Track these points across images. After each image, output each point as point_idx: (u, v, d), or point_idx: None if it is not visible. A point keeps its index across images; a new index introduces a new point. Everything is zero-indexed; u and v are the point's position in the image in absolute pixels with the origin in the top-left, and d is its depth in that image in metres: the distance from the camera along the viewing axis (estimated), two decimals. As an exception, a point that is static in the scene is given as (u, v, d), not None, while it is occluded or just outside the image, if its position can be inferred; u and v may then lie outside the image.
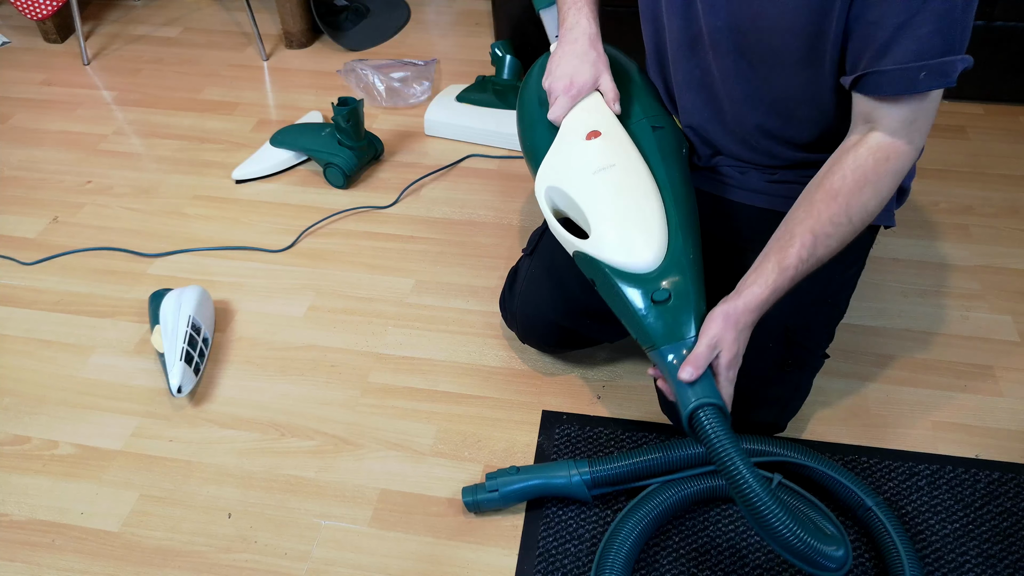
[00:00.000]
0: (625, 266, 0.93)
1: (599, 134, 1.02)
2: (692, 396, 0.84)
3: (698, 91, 1.05)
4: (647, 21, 1.07)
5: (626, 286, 0.92)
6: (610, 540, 0.96)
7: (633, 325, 0.92)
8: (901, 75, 0.83)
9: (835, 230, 0.88)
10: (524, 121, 1.16)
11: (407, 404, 1.20)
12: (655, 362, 0.90)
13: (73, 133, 1.80)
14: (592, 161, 1.00)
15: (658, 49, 1.08)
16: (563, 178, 1.01)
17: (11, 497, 1.09)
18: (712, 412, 0.82)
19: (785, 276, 0.87)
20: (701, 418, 0.82)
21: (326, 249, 1.47)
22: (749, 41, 0.94)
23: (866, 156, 0.88)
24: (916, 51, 0.82)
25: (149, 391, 1.22)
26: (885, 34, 0.83)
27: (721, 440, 0.80)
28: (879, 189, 0.88)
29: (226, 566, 1.01)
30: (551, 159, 1.04)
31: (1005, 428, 1.14)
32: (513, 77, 1.74)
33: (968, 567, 0.98)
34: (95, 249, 1.49)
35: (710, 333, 0.86)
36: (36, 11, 2.05)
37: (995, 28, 1.66)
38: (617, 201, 0.96)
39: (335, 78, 1.97)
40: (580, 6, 1.08)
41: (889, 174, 0.88)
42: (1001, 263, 1.41)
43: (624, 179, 0.98)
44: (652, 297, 0.90)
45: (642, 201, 0.96)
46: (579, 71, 1.05)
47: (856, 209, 0.88)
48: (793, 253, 0.87)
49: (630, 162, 0.99)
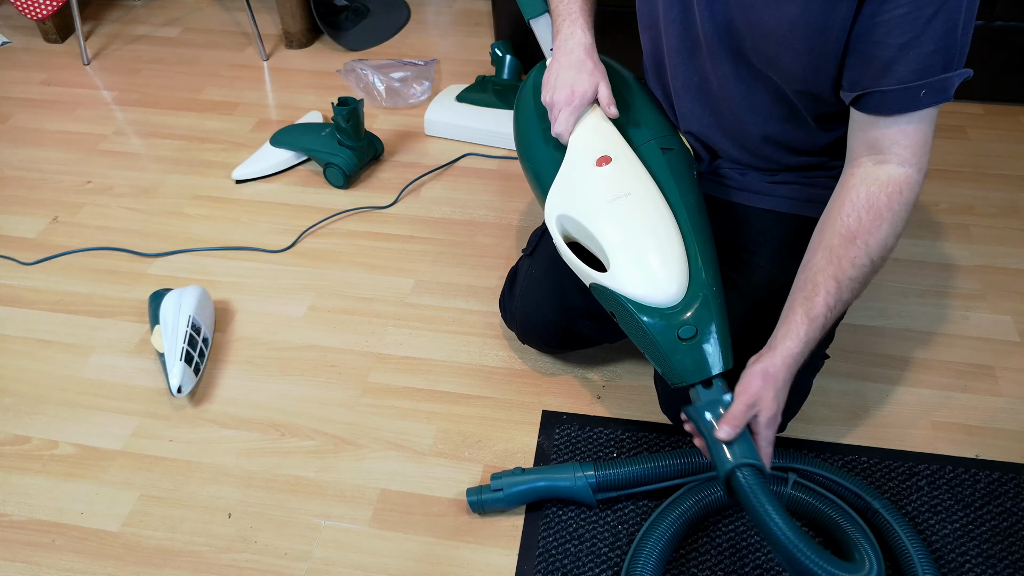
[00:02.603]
0: (647, 300, 0.90)
1: (610, 159, 0.99)
2: (730, 456, 0.82)
3: (697, 97, 1.05)
4: (645, 28, 1.07)
5: (650, 321, 0.90)
6: (643, 541, 0.96)
7: (658, 361, 0.90)
8: (903, 94, 0.83)
9: (858, 272, 0.86)
10: (524, 139, 1.14)
11: (407, 404, 1.20)
12: (690, 418, 0.88)
13: (73, 133, 1.80)
14: (605, 189, 0.97)
15: (656, 56, 1.07)
16: (576, 207, 0.98)
17: (11, 497, 1.09)
18: (751, 473, 0.80)
19: (815, 326, 0.85)
20: (740, 479, 0.80)
21: (326, 249, 1.47)
22: (746, 48, 0.94)
23: (878, 192, 0.86)
24: (918, 70, 0.82)
25: (149, 391, 1.22)
26: (889, 53, 0.82)
27: (763, 503, 0.78)
28: (895, 224, 0.86)
29: (226, 566, 1.01)
30: (561, 185, 1.02)
31: (1005, 428, 1.14)
32: (513, 77, 1.74)
33: (968, 567, 0.98)
34: (95, 249, 1.49)
35: (750, 392, 0.83)
36: (36, 11, 2.05)
37: (995, 28, 1.66)
38: (635, 232, 0.93)
39: (335, 78, 1.97)
40: (574, 18, 1.07)
41: (903, 206, 0.86)
42: (1001, 263, 1.41)
43: (640, 208, 0.95)
44: (678, 334, 0.88)
45: (660, 231, 0.93)
46: (578, 81, 1.04)
47: (876, 248, 0.86)
48: (820, 302, 0.85)
49: (644, 190, 0.97)
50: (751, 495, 0.79)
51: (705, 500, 0.99)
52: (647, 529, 0.97)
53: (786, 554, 0.77)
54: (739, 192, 1.10)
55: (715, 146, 1.09)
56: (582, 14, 1.07)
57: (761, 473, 0.81)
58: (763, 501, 0.78)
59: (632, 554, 0.96)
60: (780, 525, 0.77)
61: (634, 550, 0.96)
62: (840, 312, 0.88)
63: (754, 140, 1.04)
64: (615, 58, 1.16)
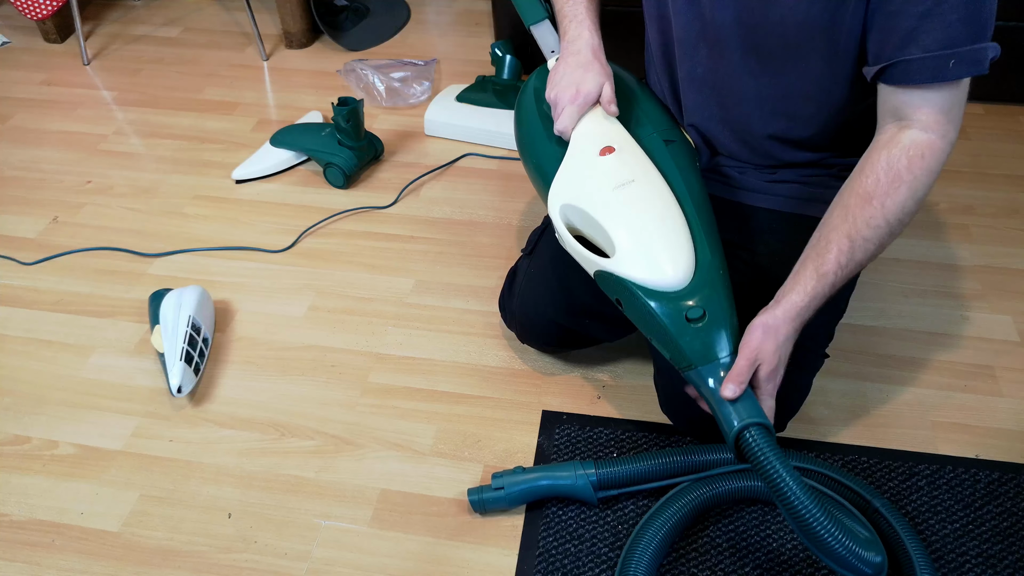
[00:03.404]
0: (655, 284, 0.90)
1: (613, 149, 0.99)
2: (736, 417, 0.82)
3: (703, 89, 1.05)
4: (652, 20, 1.07)
5: (657, 305, 0.89)
6: (637, 538, 0.96)
7: (667, 345, 0.90)
8: (931, 63, 0.82)
9: (873, 233, 0.86)
10: (526, 137, 1.14)
11: (407, 404, 1.20)
12: (693, 383, 0.88)
13: (73, 133, 1.80)
14: (610, 177, 0.97)
15: (664, 47, 1.07)
16: (580, 196, 0.98)
17: (11, 497, 1.09)
18: (759, 432, 0.80)
19: (824, 282, 0.85)
20: (748, 439, 0.80)
21: (326, 249, 1.47)
22: (759, 36, 0.93)
23: (899, 155, 0.85)
24: (944, 39, 0.80)
25: (149, 391, 1.22)
26: (909, 23, 0.81)
27: (771, 461, 0.78)
28: (915, 188, 0.85)
29: (226, 566, 1.01)
30: (564, 176, 1.02)
31: (1005, 428, 1.14)
32: (513, 77, 1.74)
33: (968, 567, 0.98)
34: (95, 249, 1.49)
35: (751, 346, 0.84)
36: (36, 11, 2.05)
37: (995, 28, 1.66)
38: (640, 217, 0.93)
39: (335, 78, 1.97)
40: (581, 19, 1.07)
41: (925, 172, 0.85)
42: (1001, 263, 1.41)
43: (645, 194, 0.95)
44: (686, 316, 0.88)
45: (666, 216, 0.93)
46: (584, 80, 1.04)
47: (893, 211, 0.85)
48: (831, 259, 0.85)
49: (648, 177, 0.97)
50: (760, 455, 0.79)
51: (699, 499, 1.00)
52: (641, 527, 0.97)
53: (797, 515, 0.77)
54: (738, 191, 1.10)
55: (716, 141, 1.09)
56: (588, 15, 1.08)
57: (769, 432, 0.81)
58: (772, 460, 0.78)
59: (626, 553, 0.96)
60: (790, 484, 0.77)
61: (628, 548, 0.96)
62: (851, 273, 0.87)
63: (756, 134, 1.04)
64: (614, 57, 1.16)
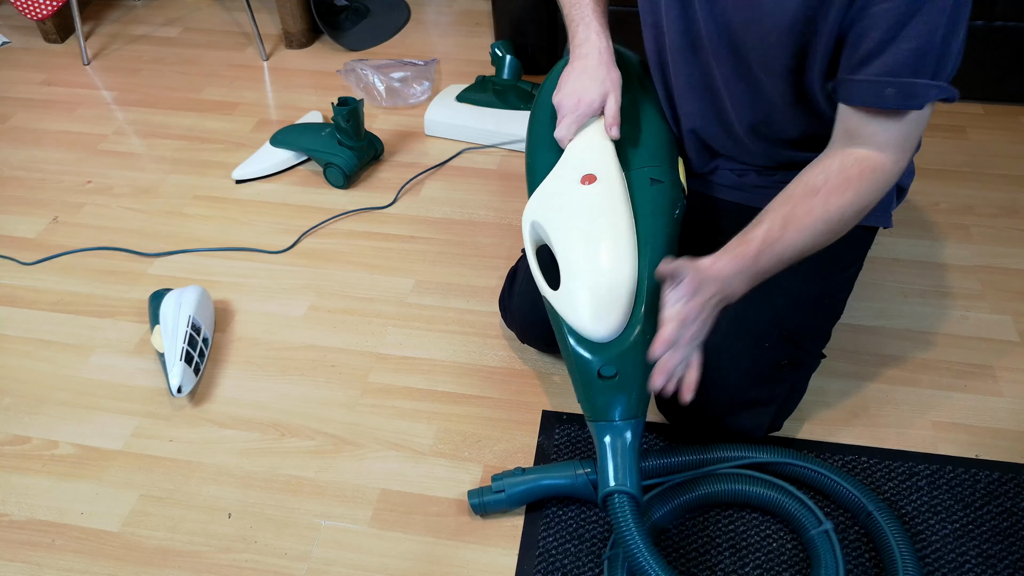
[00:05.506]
0: (581, 330, 0.93)
1: (595, 179, 1.00)
2: (613, 478, 0.88)
3: (699, 94, 1.05)
4: (647, 26, 1.07)
5: (578, 349, 0.93)
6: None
7: (576, 388, 0.95)
8: (869, 87, 0.84)
9: (810, 220, 0.87)
10: (532, 134, 1.15)
11: (407, 404, 1.20)
12: (591, 431, 0.93)
13: (73, 133, 1.80)
14: (581, 210, 0.98)
15: (659, 54, 1.07)
16: (548, 219, 1.00)
17: (11, 497, 1.09)
18: (625, 499, 0.87)
19: (748, 250, 0.86)
20: (614, 503, 0.87)
21: (326, 249, 1.47)
22: (743, 46, 0.94)
23: (853, 163, 0.87)
24: (890, 66, 0.82)
25: (149, 391, 1.22)
26: (869, 47, 0.83)
27: (630, 529, 0.85)
28: (860, 195, 0.87)
29: (226, 566, 1.01)
30: (543, 192, 1.03)
31: (1005, 428, 1.14)
32: (513, 77, 1.74)
33: (968, 567, 0.98)
34: (95, 249, 1.49)
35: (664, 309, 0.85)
36: (36, 11, 2.05)
37: (995, 28, 1.66)
38: (591, 262, 0.95)
39: (335, 78, 1.97)
40: (588, 21, 1.07)
41: (874, 184, 0.87)
42: (1001, 263, 1.41)
43: (607, 237, 0.96)
44: (599, 372, 0.91)
45: (617, 267, 0.94)
46: (587, 89, 1.04)
47: (834, 210, 0.87)
48: (759, 232, 0.87)
49: (617, 219, 0.97)
50: (622, 519, 0.86)
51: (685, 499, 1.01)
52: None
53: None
54: (736, 192, 1.10)
55: (715, 144, 1.09)
56: (595, 16, 1.07)
57: (635, 501, 0.88)
58: (631, 528, 0.85)
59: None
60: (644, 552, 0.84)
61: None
62: (777, 257, 0.87)
63: (753, 138, 1.04)
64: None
